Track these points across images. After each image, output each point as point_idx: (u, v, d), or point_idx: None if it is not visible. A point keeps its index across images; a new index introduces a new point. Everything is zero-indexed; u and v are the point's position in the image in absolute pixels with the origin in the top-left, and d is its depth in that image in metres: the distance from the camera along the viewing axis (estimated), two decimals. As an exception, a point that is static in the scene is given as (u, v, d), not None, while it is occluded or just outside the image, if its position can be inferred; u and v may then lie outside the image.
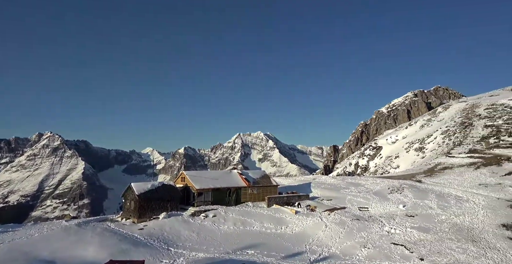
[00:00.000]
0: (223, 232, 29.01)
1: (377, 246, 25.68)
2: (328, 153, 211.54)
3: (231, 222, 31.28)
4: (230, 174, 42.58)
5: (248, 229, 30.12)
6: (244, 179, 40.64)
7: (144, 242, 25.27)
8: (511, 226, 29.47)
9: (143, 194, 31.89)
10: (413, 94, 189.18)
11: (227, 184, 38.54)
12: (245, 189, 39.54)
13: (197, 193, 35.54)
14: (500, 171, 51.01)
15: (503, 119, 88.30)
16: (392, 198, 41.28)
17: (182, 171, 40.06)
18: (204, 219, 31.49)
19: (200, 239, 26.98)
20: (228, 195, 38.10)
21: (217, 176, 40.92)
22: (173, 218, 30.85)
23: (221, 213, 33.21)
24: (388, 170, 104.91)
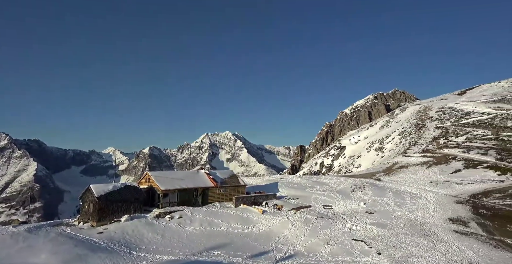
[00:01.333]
0: (189, 233, 28.43)
1: (340, 242, 26.76)
2: (295, 153, 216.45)
3: (198, 223, 30.76)
4: (197, 174, 41.84)
5: (215, 230, 29.83)
6: (211, 179, 40.18)
7: (103, 247, 23.96)
8: (456, 220, 32.29)
9: (104, 196, 30.23)
10: (373, 96, 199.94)
11: (194, 185, 37.83)
12: (212, 189, 39.10)
13: (162, 194, 34.47)
14: (448, 170, 55.63)
15: (451, 121, 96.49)
16: (354, 196, 43.24)
17: (147, 172, 38.63)
18: (170, 221, 30.62)
19: (165, 241, 26.20)
20: (195, 196, 37.42)
21: (184, 176, 40.00)
22: (136, 221, 29.62)
23: (187, 214, 32.53)
24: (351, 169, 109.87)
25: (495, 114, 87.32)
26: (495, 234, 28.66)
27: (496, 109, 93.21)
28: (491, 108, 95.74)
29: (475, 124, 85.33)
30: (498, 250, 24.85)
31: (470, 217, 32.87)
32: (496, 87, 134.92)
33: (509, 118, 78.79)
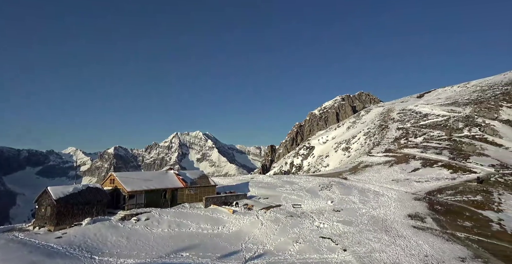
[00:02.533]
0: (156, 235, 27.57)
1: (308, 240, 27.43)
2: (266, 153, 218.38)
3: (166, 225, 29.95)
4: (166, 174, 40.72)
5: (183, 231, 29.22)
6: (181, 180, 39.33)
7: (62, 252, 22.48)
8: (414, 216, 34.49)
9: (63, 198, 28.38)
10: (341, 98, 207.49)
11: (162, 185, 36.78)
12: (182, 190, 38.29)
13: (128, 195, 33.09)
14: (408, 168, 59.24)
15: (410, 123, 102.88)
16: (322, 195, 44.56)
17: (112, 173, 36.86)
18: (136, 223, 29.49)
19: (130, 244, 25.18)
20: (163, 197, 36.40)
21: (152, 177, 38.74)
22: (99, 224, 28.15)
23: (155, 216, 31.54)
24: (320, 168, 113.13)
25: (449, 116, 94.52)
26: (447, 228, 31.02)
27: (449, 111, 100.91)
28: (445, 111, 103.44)
29: (431, 126, 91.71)
30: (450, 243, 26.92)
31: (427, 213, 35.25)
32: (450, 91, 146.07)
33: (460, 120, 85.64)
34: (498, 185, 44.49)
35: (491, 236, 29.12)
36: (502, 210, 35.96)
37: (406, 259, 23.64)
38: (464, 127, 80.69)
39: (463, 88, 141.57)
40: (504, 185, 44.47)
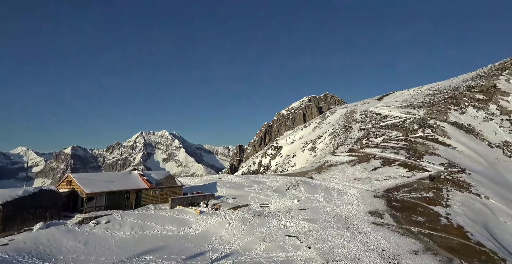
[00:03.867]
0: (117, 238, 26.31)
1: (274, 239, 27.83)
2: (234, 153, 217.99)
3: (128, 227, 28.69)
4: (129, 175, 39.01)
5: (147, 233, 28.20)
6: (145, 181, 37.91)
7: (8, 260, 20.59)
8: (374, 213, 36.44)
9: (10, 202, 26.01)
10: (308, 99, 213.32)
11: (125, 187, 35.17)
12: (146, 191, 36.93)
13: (87, 197, 31.19)
14: (369, 167, 62.44)
15: (371, 124, 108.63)
16: (289, 194, 45.43)
17: (68, 174, 34.53)
18: (95, 226, 27.89)
19: (88, 249, 23.76)
20: (126, 198, 34.83)
21: (114, 178, 36.89)
22: (54, 228, 26.21)
23: (116, 218, 30.08)
24: (287, 168, 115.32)
25: (405, 118, 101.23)
26: (403, 223, 33.20)
27: (406, 113, 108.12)
28: (402, 113, 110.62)
29: (390, 127, 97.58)
30: (404, 237, 28.85)
31: (385, 210, 37.41)
32: (406, 94, 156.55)
33: (415, 122, 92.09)
34: (446, 182, 48.51)
35: (440, 230, 31.67)
36: (450, 205, 39.28)
37: (365, 254, 24.90)
38: (418, 128, 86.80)
39: (418, 92, 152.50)
40: (452, 183, 48.60)
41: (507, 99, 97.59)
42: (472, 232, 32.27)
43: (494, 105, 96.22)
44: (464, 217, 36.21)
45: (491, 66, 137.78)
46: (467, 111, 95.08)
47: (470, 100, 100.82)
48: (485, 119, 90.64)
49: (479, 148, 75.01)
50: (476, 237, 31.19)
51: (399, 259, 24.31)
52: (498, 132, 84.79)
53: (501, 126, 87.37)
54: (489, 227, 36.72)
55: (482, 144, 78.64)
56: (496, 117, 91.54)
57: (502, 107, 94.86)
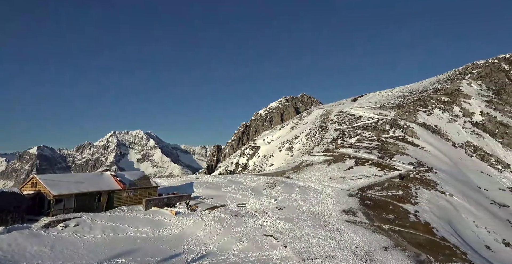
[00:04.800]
0: (87, 242, 25.20)
1: (251, 239, 27.89)
2: (212, 153, 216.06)
3: (99, 230, 27.56)
4: (101, 176, 37.47)
5: (120, 236, 27.24)
6: (118, 182, 36.58)
7: (-34, 270, 19.13)
8: (348, 211, 37.56)
9: (-32, 206, 24.15)
10: (285, 99, 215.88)
11: (96, 188, 33.73)
12: (119, 192, 35.64)
13: (54, 200, 29.59)
14: (343, 167, 64.26)
15: (346, 124, 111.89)
16: (266, 194, 45.70)
17: (34, 175, 32.59)
18: (63, 230, 26.54)
19: (55, 254, 22.56)
20: (97, 200, 33.43)
21: (84, 179, 35.25)
22: (16, 233, 24.63)
23: (86, 221, 28.80)
24: (264, 168, 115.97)
25: (378, 119, 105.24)
26: (374, 221, 34.49)
27: (378, 114, 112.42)
28: (375, 114, 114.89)
29: (363, 127, 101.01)
30: (376, 234, 30.00)
31: (358, 208, 38.67)
32: (378, 96, 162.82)
33: (387, 123, 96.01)
34: (415, 181, 50.99)
35: (408, 226, 33.26)
36: (418, 203, 41.34)
37: (339, 251, 25.62)
38: (390, 129, 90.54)
39: (389, 94, 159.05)
40: (420, 181, 51.16)
41: (469, 102, 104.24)
42: (438, 228, 34.18)
43: (457, 107, 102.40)
44: (430, 214, 38.26)
45: (455, 70, 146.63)
46: (434, 112, 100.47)
47: (437, 103, 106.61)
48: (450, 121, 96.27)
49: (445, 148, 79.57)
50: (441, 232, 33.07)
51: (370, 255, 25.24)
52: (461, 132, 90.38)
53: (463, 127, 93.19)
54: (453, 223, 39.08)
55: (447, 144, 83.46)
56: (459, 118, 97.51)
57: (464, 109, 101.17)
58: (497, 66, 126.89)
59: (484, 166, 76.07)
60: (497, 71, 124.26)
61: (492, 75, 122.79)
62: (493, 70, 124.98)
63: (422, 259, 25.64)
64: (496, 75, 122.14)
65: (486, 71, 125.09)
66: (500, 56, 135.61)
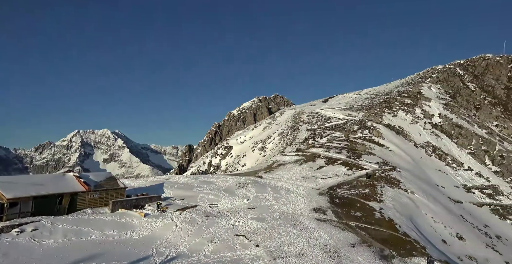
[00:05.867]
0: (47, 247, 23.62)
1: (223, 239, 27.71)
2: (183, 153, 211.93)
3: (61, 234, 25.95)
4: (63, 177, 35.28)
5: (83, 240, 25.83)
6: (82, 183, 34.66)
7: None
8: (318, 210, 38.57)
9: None
10: (258, 99, 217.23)
11: (57, 190, 31.70)
12: (83, 194, 33.77)
13: (8, 203, 27.38)
14: (314, 166, 65.89)
15: (317, 125, 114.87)
16: (238, 194, 45.62)
17: (-15, 176, 29.96)
18: (18, 235, 24.65)
19: (9, 262, 20.89)
20: (58, 203, 31.43)
21: (43, 180, 33.01)
22: (-36, 241, 22.51)
23: (46, 225, 26.99)
24: (237, 167, 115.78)
25: (347, 120, 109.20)
26: (343, 218, 35.74)
27: (347, 115, 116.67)
28: (344, 115, 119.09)
29: (333, 128, 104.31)
30: (344, 232, 31.11)
31: (328, 206, 39.84)
32: (348, 98, 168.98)
33: (355, 123, 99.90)
34: (380, 179, 53.55)
35: (374, 223, 34.84)
36: (383, 201, 43.45)
37: (309, 249, 26.23)
38: (358, 129, 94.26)
39: (358, 95, 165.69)
40: (385, 180, 53.81)
41: (429, 104, 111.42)
42: (400, 224, 36.16)
43: (419, 109, 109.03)
44: (394, 211, 40.39)
45: (417, 74, 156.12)
46: (398, 114, 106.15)
47: (400, 105, 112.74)
48: (412, 122, 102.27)
49: (407, 148, 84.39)
50: (403, 228, 35.02)
51: (339, 252, 26.12)
52: (422, 133, 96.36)
53: (424, 128, 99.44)
54: (413, 218, 41.57)
55: (409, 144, 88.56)
56: (421, 120, 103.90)
57: (425, 111, 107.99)
58: (453, 71, 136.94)
59: (441, 165, 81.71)
60: (453, 76, 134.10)
61: (449, 79, 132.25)
62: (449, 75, 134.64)
63: (386, 254, 26.98)
64: (452, 80, 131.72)
65: (444, 76, 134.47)
66: (455, 62, 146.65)
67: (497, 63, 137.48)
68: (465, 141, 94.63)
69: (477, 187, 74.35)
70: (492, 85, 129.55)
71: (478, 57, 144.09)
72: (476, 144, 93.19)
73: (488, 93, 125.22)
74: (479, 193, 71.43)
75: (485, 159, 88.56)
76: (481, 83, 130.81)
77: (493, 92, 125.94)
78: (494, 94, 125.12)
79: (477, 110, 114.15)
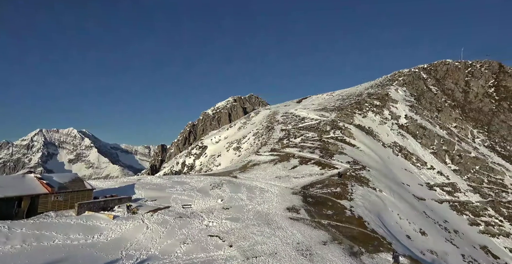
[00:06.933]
0: (2, 253, 21.95)
1: (196, 240, 27.30)
2: (156, 153, 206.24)
3: (19, 240, 24.21)
4: (22, 179, 32.97)
5: (45, 245, 24.29)
6: (44, 185, 32.60)
7: None
8: (291, 209, 39.16)
9: None
10: (233, 99, 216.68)
11: (15, 192, 29.57)
12: (45, 197, 31.77)
13: (-41, 208, 25.12)
14: (288, 166, 66.83)
15: (291, 125, 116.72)
16: (213, 194, 45.17)
17: None
18: (-29, 244, 22.66)
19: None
20: (17, 206, 29.32)
21: (0, 182, 30.64)
22: None
23: (2, 230, 25.05)
24: (212, 168, 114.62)
25: (320, 120, 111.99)
26: (315, 217, 36.57)
27: (321, 116, 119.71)
28: (317, 115, 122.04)
29: (307, 128, 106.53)
30: (316, 230, 31.85)
31: (301, 205, 40.58)
32: (321, 98, 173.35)
33: (328, 124, 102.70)
34: (351, 178, 55.45)
35: (344, 221, 36.00)
36: (353, 199, 45.02)
37: (282, 248, 26.57)
38: (330, 129, 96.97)
39: (330, 96, 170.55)
40: (355, 179, 55.80)
41: (396, 106, 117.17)
42: (369, 221, 37.67)
43: (387, 111, 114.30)
44: (363, 209, 41.99)
45: (385, 77, 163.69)
46: (368, 115, 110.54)
47: (370, 106, 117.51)
48: (381, 123, 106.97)
49: (376, 148, 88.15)
50: (371, 225, 36.50)
51: (310, 250, 26.69)
52: (389, 134, 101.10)
53: (392, 129, 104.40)
54: (381, 215, 43.50)
55: (378, 144, 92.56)
56: (388, 121, 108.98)
57: (392, 112, 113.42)
58: (417, 75, 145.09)
59: (407, 164, 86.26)
60: (418, 79, 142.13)
61: (414, 82, 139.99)
62: (414, 78, 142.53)
63: (355, 251, 27.98)
64: (416, 83, 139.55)
65: (409, 79, 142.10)
66: (420, 66, 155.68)
67: (456, 68, 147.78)
68: (428, 141, 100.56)
69: (438, 184, 79.36)
70: (451, 88, 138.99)
71: (440, 62, 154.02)
72: (438, 144, 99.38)
73: (448, 96, 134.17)
74: (440, 191, 76.29)
75: (446, 158, 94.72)
76: (442, 87, 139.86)
77: (453, 95, 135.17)
78: (453, 97, 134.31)
79: (438, 112, 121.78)
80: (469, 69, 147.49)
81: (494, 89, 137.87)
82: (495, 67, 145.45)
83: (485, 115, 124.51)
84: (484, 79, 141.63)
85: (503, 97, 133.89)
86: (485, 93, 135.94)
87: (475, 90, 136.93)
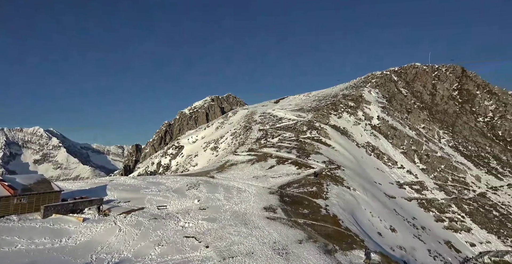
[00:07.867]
0: (-42, 264, 20.33)
1: (171, 242, 26.75)
2: (130, 153, 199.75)
3: (-23, 248, 22.53)
4: (-19, 181, 30.65)
5: (6, 251, 22.78)
6: (6, 187, 30.50)
7: None
8: (268, 208, 39.44)
9: None
10: (211, 98, 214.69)
11: (-27, 196, 27.45)
12: (7, 199, 29.74)
13: None
14: (266, 166, 67.24)
15: (269, 125, 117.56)
16: (189, 194, 44.45)
17: None
18: None
19: None
20: (-26, 211, 27.24)
21: (-45, 185, 28.31)
22: None
23: (-42, 238, 23.20)
24: (188, 168, 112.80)
25: (297, 121, 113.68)
26: (292, 216, 37.08)
27: (298, 116, 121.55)
28: (294, 116, 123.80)
29: (284, 128, 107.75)
30: (293, 229, 32.30)
31: (278, 205, 40.96)
32: (298, 99, 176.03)
33: (305, 124, 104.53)
34: (327, 178, 56.77)
35: (320, 219, 36.80)
36: (328, 198, 46.13)
37: (259, 247, 26.69)
38: (307, 130, 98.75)
39: (307, 97, 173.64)
40: (330, 178, 57.20)
41: (369, 107, 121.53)
42: (343, 220, 38.78)
43: (361, 112, 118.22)
44: (337, 207, 43.15)
45: (359, 79, 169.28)
46: (343, 116, 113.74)
47: (345, 107, 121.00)
48: (355, 123, 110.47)
49: (350, 148, 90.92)
50: (345, 223, 37.60)
51: (287, 249, 27.03)
52: (363, 134, 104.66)
53: (365, 129, 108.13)
54: (355, 213, 44.93)
55: (352, 144, 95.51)
56: (362, 121, 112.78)
57: (366, 113, 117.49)
58: (389, 77, 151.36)
59: (379, 163, 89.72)
60: (389, 81, 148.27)
61: (386, 84, 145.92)
62: (386, 80, 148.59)
63: (330, 249, 28.69)
64: (388, 85, 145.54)
65: (382, 81, 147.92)
66: (391, 68, 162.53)
67: (424, 71, 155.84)
68: (399, 141, 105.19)
69: (408, 183, 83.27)
70: (420, 91, 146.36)
71: (409, 65, 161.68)
72: (407, 144, 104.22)
73: (417, 98, 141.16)
74: (409, 189, 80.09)
75: (414, 157, 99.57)
76: (411, 89, 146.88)
77: (421, 97, 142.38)
78: (421, 99, 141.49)
79: (408, 113, 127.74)
80: (435, 72, 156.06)
81: (458, 92, 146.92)
82: (459, 71, 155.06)
83: (450, 116, 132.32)
84: (449, 83, 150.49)
85: (465, 100, 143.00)
86: (450, 95, 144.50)
87: (441, 93, 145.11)
